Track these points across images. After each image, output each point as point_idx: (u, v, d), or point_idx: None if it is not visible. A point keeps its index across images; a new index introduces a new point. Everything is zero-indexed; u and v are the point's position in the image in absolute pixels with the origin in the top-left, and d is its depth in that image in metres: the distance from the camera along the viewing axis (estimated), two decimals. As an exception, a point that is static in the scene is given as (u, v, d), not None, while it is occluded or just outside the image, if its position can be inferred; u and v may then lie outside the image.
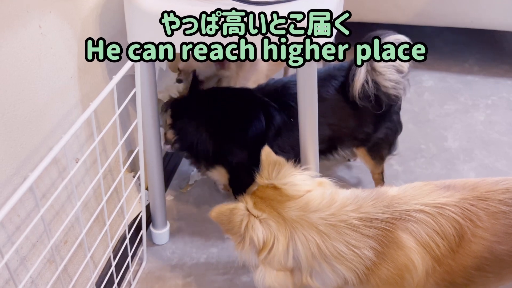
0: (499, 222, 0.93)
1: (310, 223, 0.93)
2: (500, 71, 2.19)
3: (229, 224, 0.95)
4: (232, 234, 0.97)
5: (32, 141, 0.95)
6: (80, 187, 1.13)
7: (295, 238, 0.93)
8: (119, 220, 1.31)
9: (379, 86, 1.28)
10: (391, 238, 0.91)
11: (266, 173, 1.01)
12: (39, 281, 1.01)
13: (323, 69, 1.40)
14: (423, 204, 0.94)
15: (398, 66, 1.27)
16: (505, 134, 1.85)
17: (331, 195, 0.96)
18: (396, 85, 1.30)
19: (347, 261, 0.92)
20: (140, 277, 1.37)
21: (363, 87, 1.27)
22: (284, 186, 0.97)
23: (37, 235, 0.99)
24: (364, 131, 1.41)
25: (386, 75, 1.26)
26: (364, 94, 1.29)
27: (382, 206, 0.94)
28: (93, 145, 0.94)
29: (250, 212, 0.95)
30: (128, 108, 1.37)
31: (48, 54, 0.97)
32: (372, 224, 0.92)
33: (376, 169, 1.53)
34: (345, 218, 0.92)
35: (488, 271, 0.95)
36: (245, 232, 0.94)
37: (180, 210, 1.59)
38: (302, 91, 1.10)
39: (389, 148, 1.48)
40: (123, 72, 0.96)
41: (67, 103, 1.06)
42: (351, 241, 0.91)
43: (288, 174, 0.99)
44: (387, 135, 1.43)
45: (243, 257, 0.97)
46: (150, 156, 1.30)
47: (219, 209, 0.96)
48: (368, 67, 1.27)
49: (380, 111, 1.35)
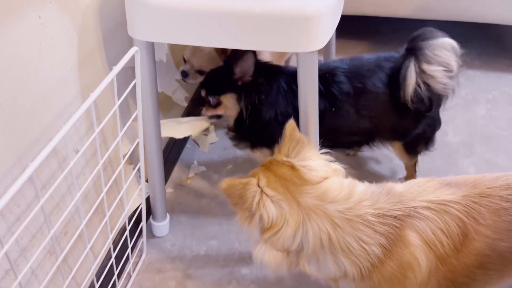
0: (501, 219, 0.93)
1: (326, 214, 0.91)
2: (501, 65, 2.18)
3: (240, 198, 0.92)
4: (240, 209, 0.95)
5: (32, 132, 0.95)
6: (80, 178, 1.13)
7: (307, 225, 0.91)
8: (119, 212, 1.32)
9: (431, 88, 1.26)
10: (399, 236, 0.91)
11: (286, 150, 0.97)
12: (39, 271, 1.01)
13: (372, 58, 1.37)
14: (429, 201, 0.94)
15: (447, 67, 1.25)
16: (505, 129, 1.84)
17: (349, 188, 0.95)
18: (446, 87, 1.27)
19: (354, 256, 0.91)
20: (140, 269, 1.38)
21: (415, 91, 1.25)
22: (302, 169, 0.95)
23: (37, 226, 0.99)
24: (404, 127, 1.39)
25: (437, 78, 1.24)
26: (417, 98, 1.26)
27: (394, 202, 0.93)
28: (93, 136, 0.94)
29: (263, 191, 0.93)
30: (128, 101, 1.37)
31: (48, 45, 0.97)
32: (385, 220, 0.91)
33: (410, 162, 1.52)
34: (362, 213, 0.91)
35: (490, 269, 0.94)
36: (257, 208, 0.92)
37: (180, 202, 1.59)
38: (303, 80, 1.09)
39: (426, 144, 1.45)
40: (123, 63, 0.96)
41: (67, 94, 1.06)
42: (363, 237, 0.90)
43: (308, 157, 0.97)
44: (425, 131, 1.41)
45: (245, 230, 0.96)
46: (150, 148, 1.30)
47: (232, 182, 0.92)
48: (417, 69, 1.24)
49: (428, 113, 1.33)
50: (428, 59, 1.23)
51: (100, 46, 1.16)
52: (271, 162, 0.99)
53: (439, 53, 1.24)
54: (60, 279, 1.08)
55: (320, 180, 0.95)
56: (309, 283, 1.33)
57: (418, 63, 1.24)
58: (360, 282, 0.95)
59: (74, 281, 1.15)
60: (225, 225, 1.51)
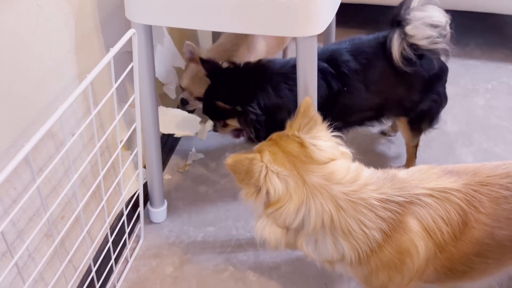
0: (501, 207, 0.93)
1: (331, 195, 0.91)
2: (501, 55, 2.17)
3: (246, 174, 0.92)
4: (246, 184, 0.94)
5: (28, 115, 0.94)
6: (77, 162, 1.12)
7: (311, 203, 0.91)
8: (116, 197, 1.31)
9: (417, 46, 1.28)
10: (400, 222, 0.91)
11: (298, 125, 0.97)
12: (36, 254, 1.01)
13: (371, 36, 1.40)
14: (431, 188, 0.94)
15: (431, 21, 1.26)
16: (504, 119, 1.84)
17: (356, 171, 0.95)
18: (435, 39, 1.28)
19: (354, 239, 0.91)
20: (138, 254, 1.38)
21: (401, 54, 1.28)
22: (311, 147, 0.95)
23: (34, 209, 0.99)
24: (411, 99, 1.40)
25: (418, 34, 1.26)
26: (405, 60, 1.29)
27: (398, 188, 0.94)
28: (90, 117, 0.93)
29: (268, 167, 0.92)
30: (125, 86, 1.36)
31: (45, 26, 0.96)
32: (388, 206, 0.91)
33: (411, 141, 1.53)
34: (366, 197, 0.92)
35: (489, 257, 0.95)
36: (263, 182, 0.91)
37: (177, 189, 1.59)
38: (302, 66, 1.08)
39: (431, 121, 1.47)
40: (120, 44, 0.95)
41: (64, 77, 1.05)
42: (364, 221, 0.90)
43: (319, 136, 0.97)
44: (431, 107, 1.43)
45: (251, 206, 0.96)
46: (148, 133, 1.29)
47: (237, 158, 0.91)
48: (401, 35, 1.27)
49: (435, 71, 1.35)
50: (408, 21, 1.26)
51: (97, 29, 1.15)
52: (280, 137, 0.98)
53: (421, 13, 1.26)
54: (57, 263, 1.08)
55: (327, 161, 0.95)
56: (305, 269, 1.33)
57: (401, 29, 1.27)
58: (357, 266, 0.95)
59: (71, 264, 1.15)
60: (222, 212, 1.51)
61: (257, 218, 0.98)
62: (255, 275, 1.32)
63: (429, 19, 1.27)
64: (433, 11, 1.28)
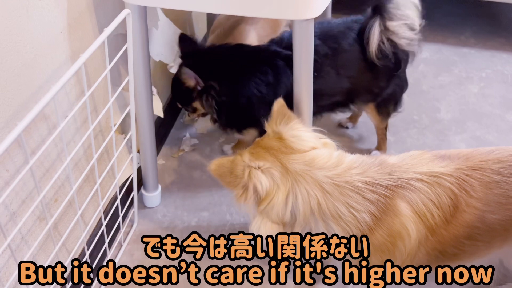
0: (492, 192, 0.94)
1: (315, 180, 0.92)
2: (496, 44, 2.17)
3: (230, 175, 0.93)
4: (233, 187, 0.95)
5: (20, 96, 0.93)
6: (70, 145, 1.11)
7: (296, 191, 0.92)
8: (110, 181, 1.31)
9: (395, 44, 1.30)
10: (390, 205, 0.92)
11: (275, 124, 0.99)
12: (29, 237, 1.01)
13: (340, 20, 1.40)
14: (422, 173, 0.94)
15: (410, 24, 1.29)
16: (497, 107, 1.85)
17: (338, 157, 0.95)
18: (411, 42, 1.32)
19: (344, 223, 0.92)
20: (131, 239, 1.38)
21: (379, 47, 1.29)
22: (290, 138, 0.96)
23: (27, 191, 0.98)
24: (379, 85, 1.43)
25: (400, 33, 1.28)
26: (382, 54, 1.31)
27: (386, 173, 0.94)
28: (84, 98, 0.92)
29: (250, 165, 0.93)
30: (119, 69, 1.34)
31: (37, 6, 0.94)
32: (375, 189, 0.92)
33: (381, 124, 1.57)
34: (351, 180, 0.92)
35: (479, 240, 0.96)
36: (248, 180, 0.92)
37: (171, 174, 1.59)
38: (298, 49, 1.08)
39: (395, 105, 1.51)
40: (114, 25, 0.94)
41: (57, 59, 1.03)
42: (352, 204, 0.91)
43: (297, 128, 0.98)
44: (395, 92, 1.47)
45: (244, 209, 0.96)
46: (142, 116, 1.28)
47: (219, 162, 0.93)
48: (381, 27, 1.27)
49: (399, 70, 1.38)
50: (391, 16, 1.27)
51: (90, 9, 1.13)
52: (261, 139, 1.00)
53: (402, 9, 1.27)
54: (50, 246, 1.07)
55: (308, 150, 0.95)
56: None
57: (383, 21, 1.27)
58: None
59: (65, 248, 1.15)
60: (216, 197, 1.51)
61: (252, 220, 0.98)
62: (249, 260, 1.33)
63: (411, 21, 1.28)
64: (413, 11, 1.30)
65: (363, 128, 1.74)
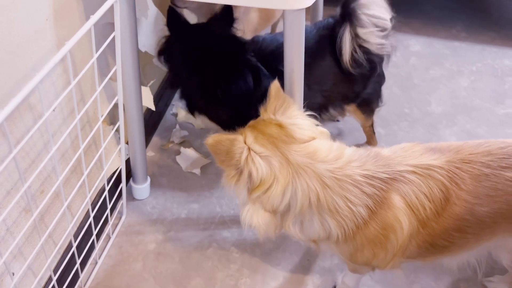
0: (481, 185, 0.94)
1: (317, 173, 0.90)
2: (487, 38, 2.18)
3: (226, 155, 0.90)
4: (226, 166, 0.92)
5: (5, 85, 0.90)
6: (56, 136, 1.09)
7: (296, 183, 0.90)
8: (98, 173, 1.29)
9: (368, 50, 1.27)
10: (385, 198, 0.91)
11: (273, 108, 0.96)
12: (14, 229, 0.99)
13: (313, 30, 1.34)
14: (415, 165, 0.94)
15: (381, 24, 1.25)
16: (487, 100, 1.86)
17: (338, 150, 0.94)
18: (383, 46, 1.29)
19: (340, 216, 0.91)
20: (120, 231, 1.37)
21: (352, 56, 1.26)
22: (291, 127, 0.93)
23: (12, 182, 0.96)
24: (354, 91, 1.40)
25: (371, 40, 1.25)
26: (356, 63, 1.27)
27: (382, 165, 0.93)
28: (70, 87, 0.90)
29: (250, 148, 0.90)
30: (107, 59, 1.32)
31: (21, -8, 0.92)
32: (373, 182, 0.91)
33: (366, 122, 1.54)
34: (351, 173, 0.91)
35: (468, 233, 0.96)
36: (245, 164, 0.90)
37: (161, 166, 1.57)
38: (289, 40, 1.06)
39: (377, 101, 1.48)
40: (101, 12, 0.91)
41: (43, 47, 1.01)
42: (350, 198, 0.90)
43: (295, 115, 0.96)
44: (375, 89, 1.44)
45: (233, 191, 0.94)
46: (130, 107, 1.26)
47: (218, 138, 0.89)
48: (352, 34, 1.24)
49: (375, 74, 1.34)
50: (362, 23, 1.23)
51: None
52: (257, 122, 0.97)
53: (371, 11, 1.23)
54: (36, 238, 1.06)
55: (308, 140, 0.94)
56: (287, 246, 1.34)
57: (353, 29, 1.23)
58: (343, 243, 0.95)
59: (52, 240, 1.13)
60: (206, 189, 1.50)
61: (242, 207, 0.96)
62: (239, 252, 1.33)
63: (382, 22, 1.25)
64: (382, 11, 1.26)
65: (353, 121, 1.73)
